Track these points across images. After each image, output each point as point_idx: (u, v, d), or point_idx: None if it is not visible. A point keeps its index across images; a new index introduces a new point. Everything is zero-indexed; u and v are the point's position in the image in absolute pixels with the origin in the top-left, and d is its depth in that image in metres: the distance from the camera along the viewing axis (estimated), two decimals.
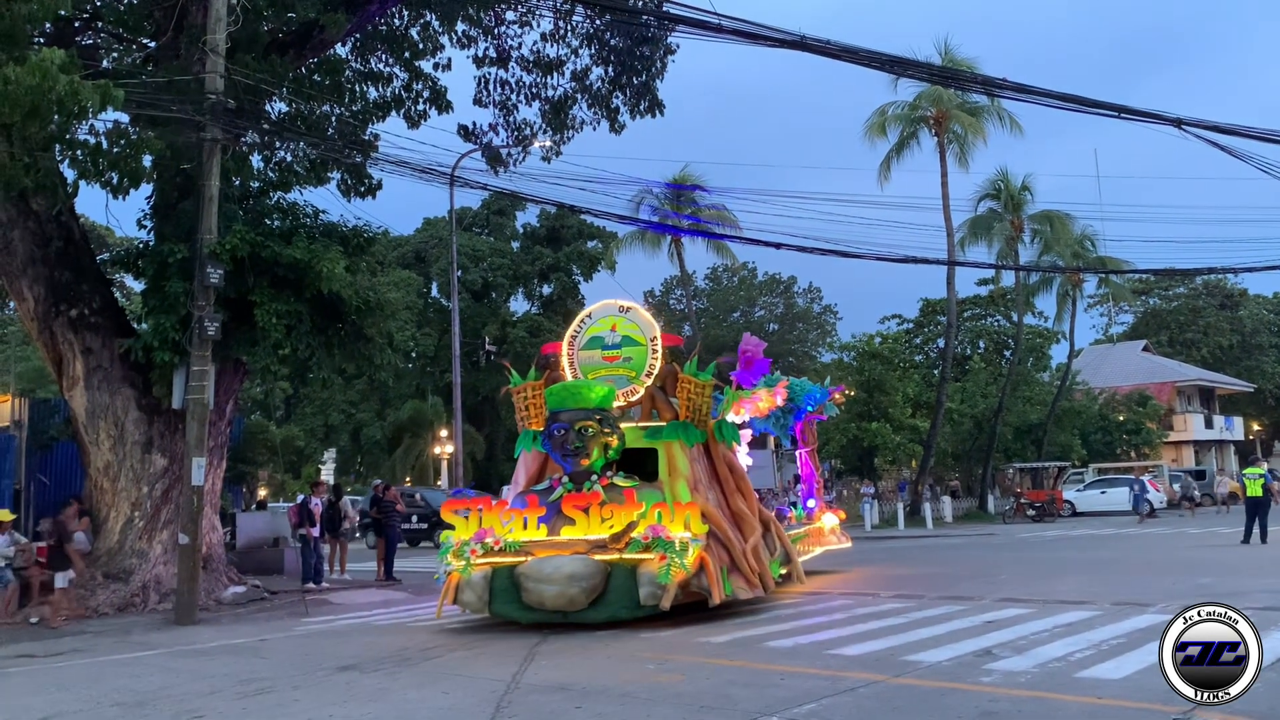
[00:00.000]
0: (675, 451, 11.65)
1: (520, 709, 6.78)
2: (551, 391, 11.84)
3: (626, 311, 12.99)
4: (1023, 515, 35.18)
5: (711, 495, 11.80)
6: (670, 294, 56.58)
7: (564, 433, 11.21)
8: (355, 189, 17.98)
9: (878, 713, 6.35)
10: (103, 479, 14.61)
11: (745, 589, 11.25)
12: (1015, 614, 10.75)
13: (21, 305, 14.99)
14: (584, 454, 11.12)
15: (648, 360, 12.56)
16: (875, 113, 36.95)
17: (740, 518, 12.01)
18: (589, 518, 10.60)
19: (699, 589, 10.42)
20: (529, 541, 10.58)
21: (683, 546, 10.18)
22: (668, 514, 10.43)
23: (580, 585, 10.02)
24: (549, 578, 10.06)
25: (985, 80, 16.64)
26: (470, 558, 10.61)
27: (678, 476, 11.41)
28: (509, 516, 10.78)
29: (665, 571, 10.03)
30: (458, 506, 11.23)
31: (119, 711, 7.11)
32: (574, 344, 12.95)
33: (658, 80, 18.89)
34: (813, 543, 16.16)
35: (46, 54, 10.22)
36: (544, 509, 10.81)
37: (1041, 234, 39.65)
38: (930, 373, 44.83)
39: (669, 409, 12.20)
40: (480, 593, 10.46)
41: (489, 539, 10.62)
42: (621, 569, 10.26)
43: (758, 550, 11.86)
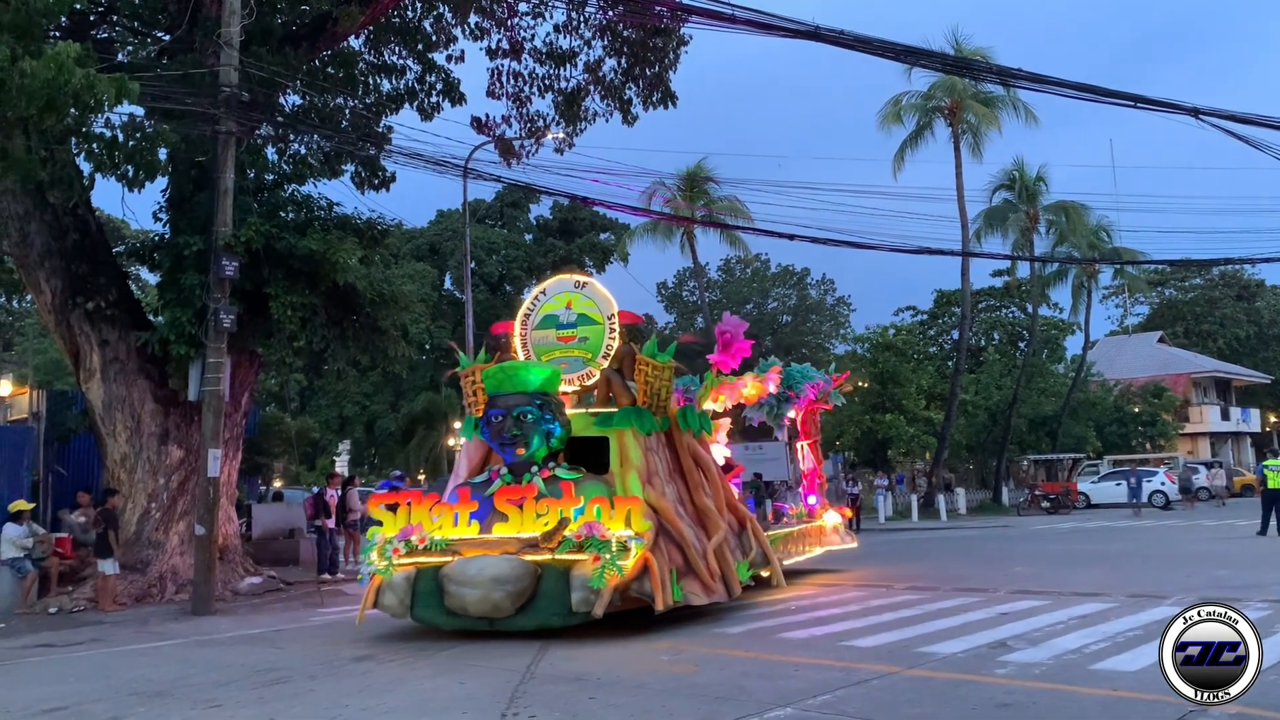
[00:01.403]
0: (627, 440, 10.46)
1: (534, 699, 6.80)
2: (489, 374, 10.68)
3: (583, 287, 11.91)
4: (1037, 507, 35.03)
5: (670, 489, 10.72)
6: (683, 286, 56.53)
7: (501, 419, 10.18)
8: (369, 181, 18.04)
9: (892, 704, 6.35)
10: (120, 470, 14.71)
11: (700, 594, 10.04)
12: (1030, 606, 10.73)
13: (39, 298, 15.09)
14: (522, 443, 10.11)
15: (604, 340, 11.50)
16: (889, 103, 36.81)
17: (704, 514, 10.94)
18: (523, 514, 9.56)
19: (640, 594, 9.28)
20: (457, 540, 9.56)
21: (621, 546, 9.09)
22: (607, 510, 9.33)
23: (505, 589, 8.97)
24: (472, 581, 9.03)
25: (1000, 70, 16.56)
26: (393, 557, 9.58)
27: (629, 468, 10.25)
28: (439, 512, 9.79)
29: (599, 574, 8.95)
30: (386, 500, 10.16)
31: (137, 701, 7.17)
32: (527, 323, 11.90)
33: (671, 71, 18.86)
34: (812, 542, 15.07)
35: (62, 48, 10.27)
36: (476, 503, 9.81)
37: (1057, 225, 39.44)
38: (944, 364, 44.71)
39: (626, 394, 11.00)
40: (402, 596, 9.43)
41: (414, 536, 9.61)
42: (554, 571, 9.19)
43: (721, 551, 10.72)
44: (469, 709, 6.54)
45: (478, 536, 9.55)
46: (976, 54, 33.00)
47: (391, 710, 6.59)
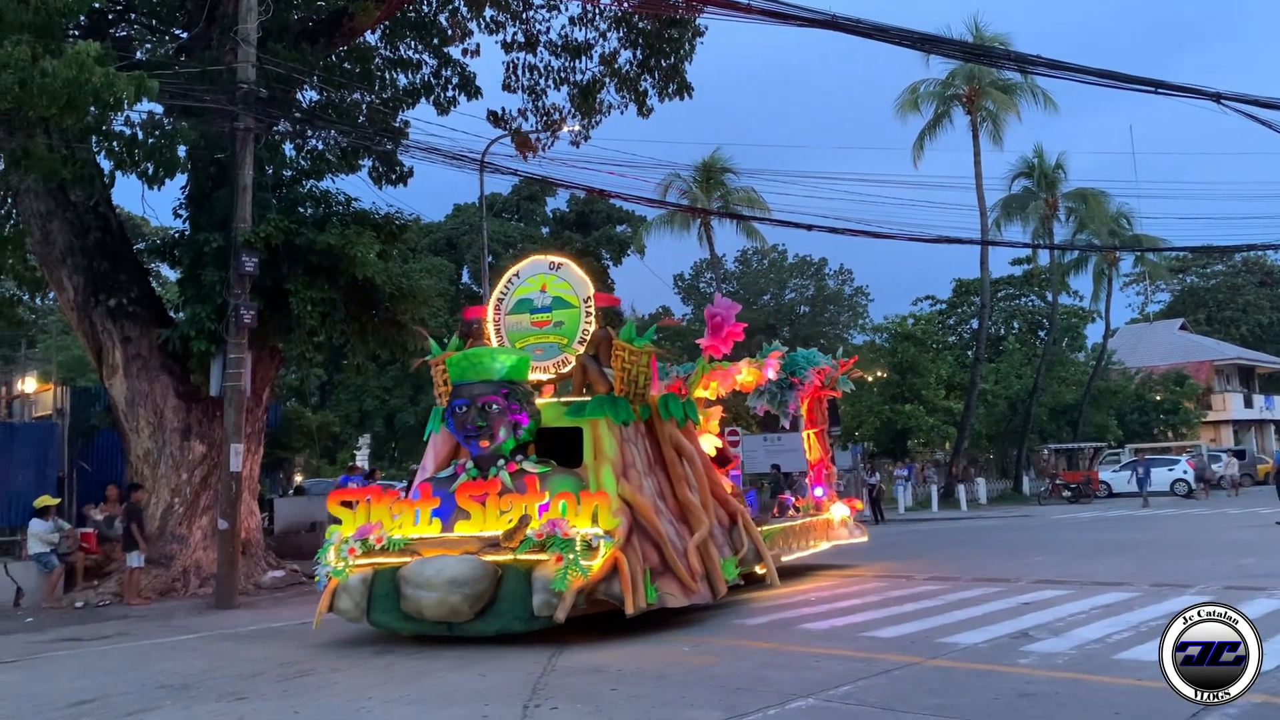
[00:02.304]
0: (601, 431, 9.77)
1: (556, 691, 6.83)
2: (452, 362, 10.05)
3: (557, 268, 11.22)
4: (1058, 496, 34.89)
5: (649, 482, 10.00)
6: (700, 277, 56.41)
7: (465, 410, 9.57)
8: (386, 176, 18.10)
9: (913, 695, 6.34)
10: (143, 466, 14.84)
11: (678, 595, 9.32)
12: (1052, 595, 10.69)
13: (61, 295, 15.22)
14: (487, 435, 9.49)
15: (580, 325, 10.84)
16: (907, 91, 36.60)
17: (687, 509, 10.24)
18: (486, 511, 8.91)
19: (608, 596, 8.64)
20: (417, 539, 8.96)
21: (586, 545, 8.49)
22: (573, 505, 8.69)
23: (463, 592, 8.35)
24: (428, 583, 8.42)
25: (1018, 57, 16.45)
26: (349, 558, 9.00)
27: (603, 461, 9.57)
28: (398, 509, 9.16)
29: (561, 576, 8.32)
30: (345, 497, 9.56)
31: (164, 693, 7.24)
32: (500, 308, 11.26)
33: (686, 63, 18.81)
34: (819, 536, 14.36)
35: (82, 47, 10.35)
36: (438, 500, 9.21)
37: (1076, 212, 39.16)
38: (964, 354, 44.48)
39: (603, 381, 10.31)
40: (358, 599, 8.86)
41: (372, 535, 9.00)
42: (515, 572, 8.58)
43: (705, 548, 10.02)
44: (491, 700, 6.58)
45: (438, 535, 8.93)
46: (995, 40, 32.78)
47: (415, 702, 6.64)
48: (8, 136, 12.48)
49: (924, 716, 5.79)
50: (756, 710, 6.05)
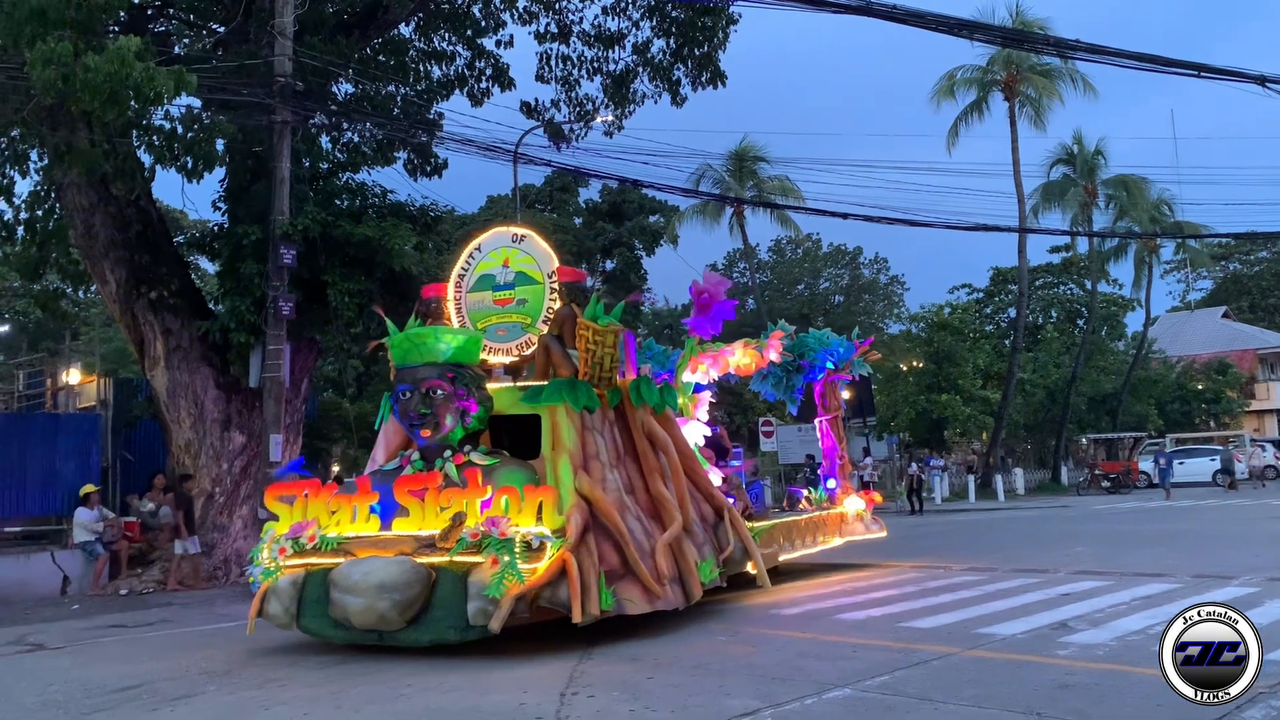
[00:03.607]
0: (559, 419, 8.85)
1: (593, 679, 6.86)
2: (395, 343, 9.10)
3: (520, 241, 10.26)
4: (1097, 487, 34.53)
5: (616, 475, 9.08)
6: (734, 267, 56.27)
7: (409, 396, 8.74)
8: (421, 168, 18.21)
9: (951, 685, 6.31)
10: (184, 456, 15.06)
11: (640, 600, 8.38)
12: (1091, 586, 10.58)
13: (104, 288, 15.46)
14: (431, 423, 8.67)
15: (544, 302, 9.91)
16: (943, 77, 36.27)
17: (660, 505, 9.26)
18: (425, 507, 8.09)
19: (552, 603, 7.78)
20: (352, 538, 8.19)
21: (525, 546, 7.68)
22: (516, 502, 7.89)
23: (392, 598, 7.60)
24: (355, 587, 7.69)
25: (1058, 41, 16.25)
26: (279, 558, 8.31)
27: (560, 451, 8.66)
28: (336, 504, 8.37)
29: (497, 581, 7.51)
30: (283, 491, 8.67)
31: (207, 679, 7.35)
32: (462, 284, 10.33)
33: (720, 51, 18.75)
34: (831, 532, 13.36)
35: (123, 42, 10.49)
36: (377, 495, 8.37)
37: (1117, 199, 38.65)
38: (1001, 343, 44.10)
39: (567, 364, 9.37)
40: (287, 603, 8.14)
41: (305, 534, 8.28)
42: (450, 576, 7.79)
43: (677, 547, 9.08)
44: (529, 688, 6.62)
45: (373, 534, 8.17)
46: (1035, 25, 32.37)
47: (453, 689, 6.69)
48: (51, 131, 12.71)
49: (962, 707, 5.76)
50: (794, 699, 6.04)
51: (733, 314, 11.34)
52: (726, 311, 11.23)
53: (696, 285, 11.29)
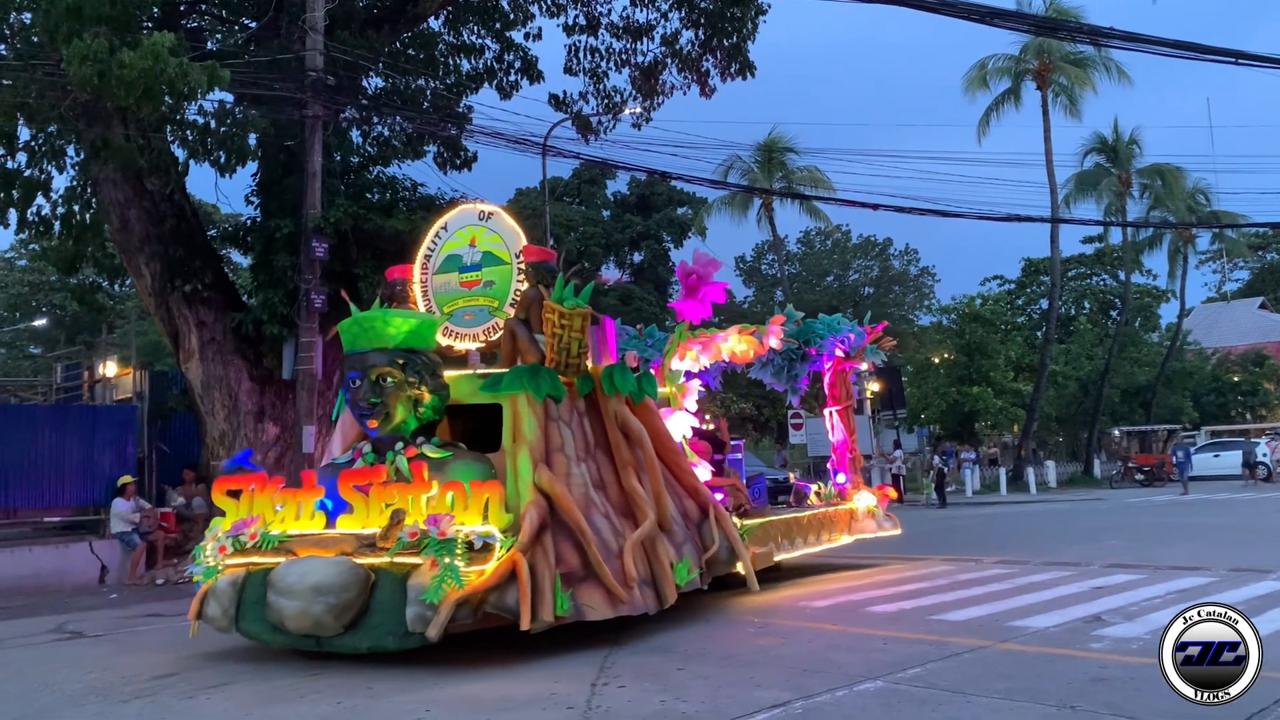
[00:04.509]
0: (520, 409, 8.21)
1: (623, 669, 6.89)
2: (344, 327, 8.51)
3: (487, 219, 9.62)
4: (1131, 480, 34.20)
5: (584, 469, 8.44)
6: (762, 259, 56.10)
7: (358, 384, 8.17)
8: (451, 161, 18.29)
9: (984, 678, 6.28)
10: (218, 447, 15.23)
11: (602, 605, 7.72)
12: (1125, 580, 10.49)
13: (139, 281, 15.66)
14: (381, 413, 8.09)
15: (512, 284, 9.27)
16: (974, 67, 35.99)
17: (633, 501, 8.63)
18: (369, 503, 7.54)
19: (498, 608, 7.16)
20: (294, 536, 7.66)
21: (466, 547, 7.06)
22: (462, 498, 7.32)
23: (326, 602, 7.06)
24: (290, 589, 7.17)
25: (1091, 29, 16.05)
26: (219, 556, 7.82)
27: (521, 443, 8.05)
28: (284, 500, 7.87)
29: (436, 585, 6.94)
30: (231, 485, 8.12)
31: (242, 668, 7.43)
32: (428, 266, 9.70)
33: (749, 42, 18.68)
34: (839, 529, 12.61)
35: (157, 38, 10.61)
36: (323, 490, 7.88)
37: (1151, 189, 38.22)
38: (1033, 335, 43.75)
39: (534, 350, 8.70)
40: (226, 605, 7.62)
41: (247, 531, 7.77)
42: (390, 579, 7.23)
43: (650, 546, 8.46)
44: (560, 678, 6.66)
45: (316, 532, 7.65)
46: (1068, 13, 32.00)
47: (485, 679, 6.74)
48: (87, 127, 12.88)
49: (995, 700, 5.74)
50: (825, 691, 6.03)
51: (723, 296, 10.71)
52: (716, 294, 10.64)
53: (684, 266, 10.71)
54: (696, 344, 11.36)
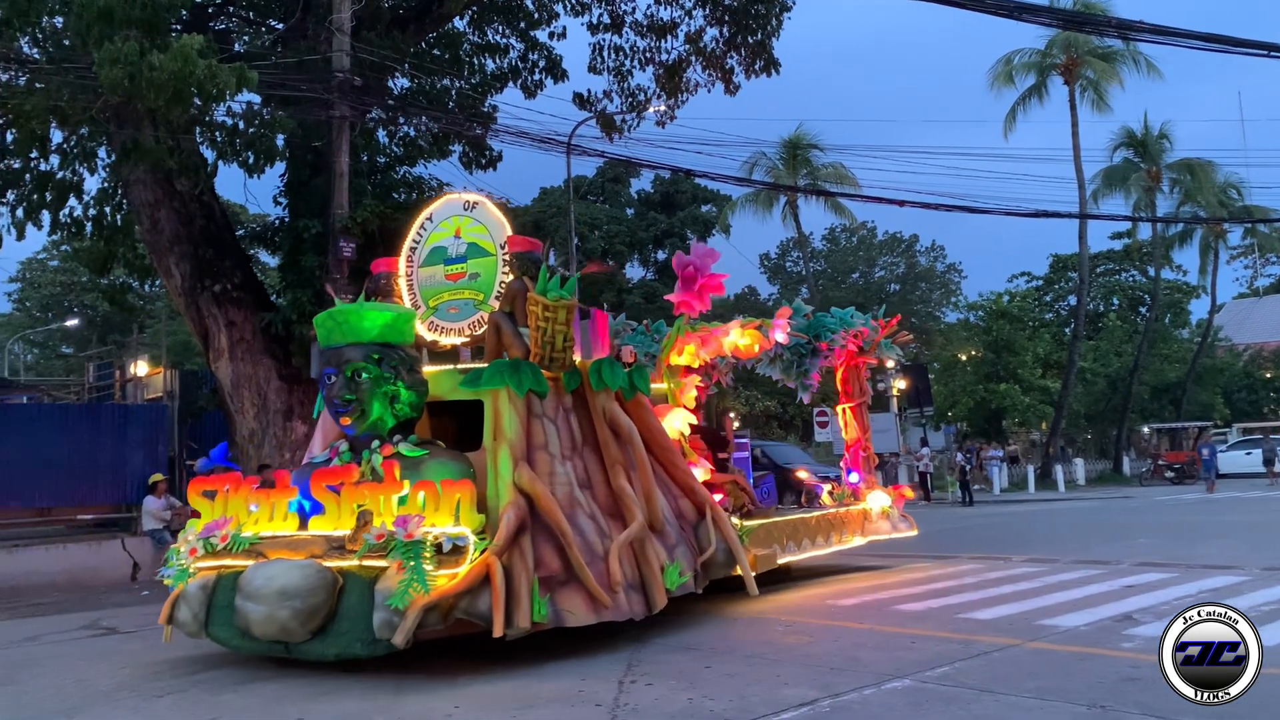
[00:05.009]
0: (501, 405, 7.86)
1: (650, 667, 6.90)
2: (319, 322, 8.22)
3: (472, 209, 9.32)
4: (1160, 477, 33.86)
5: (568, 468, 8.08)
6: (787, 256, 55.95)
7: (333, 380, 7.88)
8: (476, 161, 18.33)
9: (1013, 677, 6.24)
10: (248, 445, 15.36)
11: (583, 610, 7.37)
12: (1156, 578, 10.39)
13: (169, 282, 15.81)
14: (356, 410, 7.78)
15: (498, 276, 8.95)
16: (1000, 62, 35.74)
17: (622, 501, 8.27)
18: (340, 504, 7.29)
19: (470, 614, 6.83)
20: (265, 538, 7.43)
21: (435, 550, 6.80)
22: (434, 498, 7.03)
23: (292, 607, 6.79)
24: (256, 593, 6.92)
25: (1120, 23, 15.88)
26: (189, 559, 7.61)
27: (501, 441, 7.71)
28: (260, 500, 7.65)
29: (403, 590, 6.65)
30: (206, 485, 7.88)
31: (269, 665, 7.48)
32: (413, 258, 9.45)
33: (773, 39, 18.60)
34: (851, 530, 12.13)
35: (186, 40, 10.70)
36: (296, 490, 7.65)
37: (1181, 183, 37.80)
38: (1061, 331, 43.39)
39: (519, 344, 8.30)
40: (196, 609, 7.38)
41: (219, 533, 7.54)
42: (358, 583, 6.97)
43: (639, 549, 8.10)
44: (587, 676, 6.68)
45: (288, 534, 7.40)
46: (1095, 8, 31.71)
47: (512, 677, 6.77)
48: (118, 129, 13.03)
49: (1024, 699, 5.70)
50: (852, 690, 6.02)
51: (722, 289, 10.38)
52: (714, 286, 10.30)
53: (680, 257, 10.35)
54: (698, 340, 10.99)
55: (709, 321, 11.43)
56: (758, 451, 23.90)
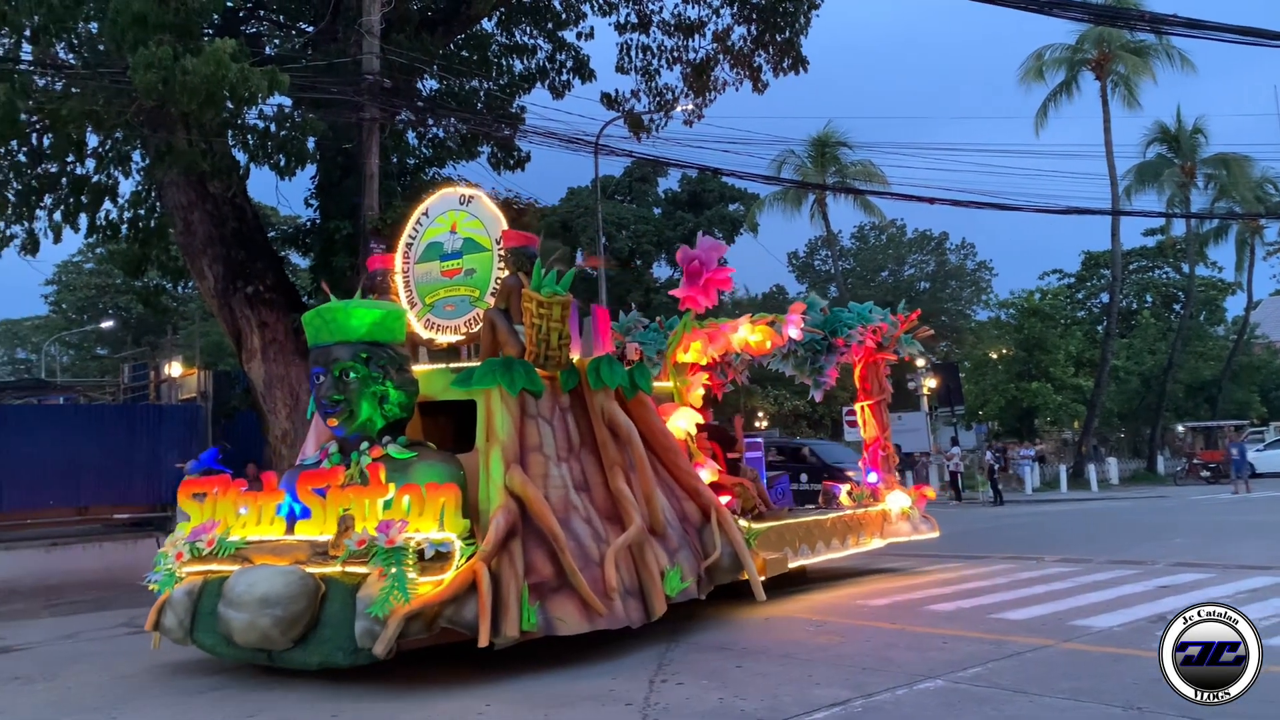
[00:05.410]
0: (493, 405, 7.60)
1: (681, 667, 6.91)
2: (307, 319, 8.05)
3: (468, 203, 9.08)
4: (1196, 477, 33.42)
5: (564, 470, 7.84)
6: (815, 255, 55.74)
7: (322, 380, 7.70)
8: (504, 162, 18.41)
9: (1046, 678, 6.20)
10: (281, 445, 15.49)
11: (576, 618, 7.10)
12: (1192, 579, 10.28)
13: (202, 283, 15.98)
14: (345, 411, 7.56)
15: (493, 272, 8.71)
16: (1030, 58, 35.45)
17: (620, 504, 7.99)
18: (326, 507, 7.09)
19: (454, 623, 6.60)
20: (251, 542, 7.23)
21: (418, 556, 6.57)
22: (419, 502, 6.78)
23: (273, 614, 6.57)
24: (238, 600, 6.70)
25: (1153, 17, 15.69)
26: (175, 564, 7.40)
27: (493, 442, 7.47)
28: (249, 502, 7.45)
29: (383, 598, 6.41)
30: (196, 488, 7.72)
31: None
32: (409, 255, 9.26)
33: (802, 36, 18.54)
34: (869, 532, 11.71)
35: (218, 44, 10.81)
36: (284, 493, 7.45)
37: (1216, 178, 37.32)
38: (1094, 329, 42.97)
39: (514, 342, 8.06)
40: (182, 615, 7.16)
41: (205, 537, 7.32)
42: (341, 590, 6.74)
43: (636, 554, 7.82)
44: (618, 674, 6.70)
45: (274, 539, 7.23)
46: (1127, 1, 31.36)
47: (543, 676, 6.79)
48: (152, 133, 13.18)
49: (1059, 700, 5.66)
50: (884, 690, 6.00)
51: (729, 283, 10.04)
52: (721, 281, 9.95)
53: (685, 251, 9.94)
54: (705, 337, 10.60)
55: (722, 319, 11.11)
56: (806, 450, 23.62)
